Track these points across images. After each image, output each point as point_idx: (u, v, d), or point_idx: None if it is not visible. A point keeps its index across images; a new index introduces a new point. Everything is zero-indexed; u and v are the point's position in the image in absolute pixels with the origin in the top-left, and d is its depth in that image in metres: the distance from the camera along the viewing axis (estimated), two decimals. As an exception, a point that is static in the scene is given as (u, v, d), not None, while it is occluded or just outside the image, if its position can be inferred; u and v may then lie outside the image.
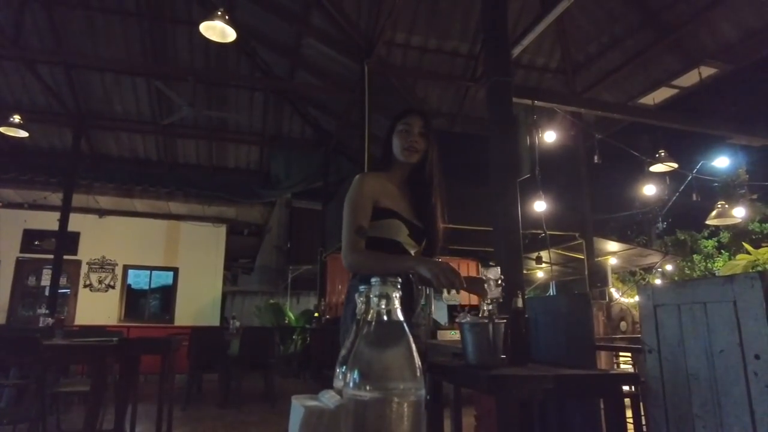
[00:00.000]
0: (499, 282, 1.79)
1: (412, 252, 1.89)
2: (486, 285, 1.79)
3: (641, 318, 1.90)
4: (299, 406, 0.52)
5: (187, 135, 9.67)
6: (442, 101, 8.03)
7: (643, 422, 2.97)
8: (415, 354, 0.50)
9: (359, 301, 0.62)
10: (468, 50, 7.23)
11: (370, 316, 0.52)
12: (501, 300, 1.73)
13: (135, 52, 8.10)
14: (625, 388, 3.20)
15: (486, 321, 1.87)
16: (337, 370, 0.61)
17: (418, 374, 0.49)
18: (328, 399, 0.54)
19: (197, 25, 5.19)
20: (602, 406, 2.07)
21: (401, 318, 0.52)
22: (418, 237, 1.88)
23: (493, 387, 1.65)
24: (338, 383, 0.58)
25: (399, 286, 0.53)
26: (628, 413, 3.14)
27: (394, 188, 1.88)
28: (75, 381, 4.73)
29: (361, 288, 0.63)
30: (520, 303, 2.15)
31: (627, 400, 3.29)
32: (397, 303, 0.52)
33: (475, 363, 1.83)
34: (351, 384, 0.49)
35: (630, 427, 3.02)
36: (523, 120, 3.23)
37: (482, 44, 6.68)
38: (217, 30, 4.78)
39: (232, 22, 4.76)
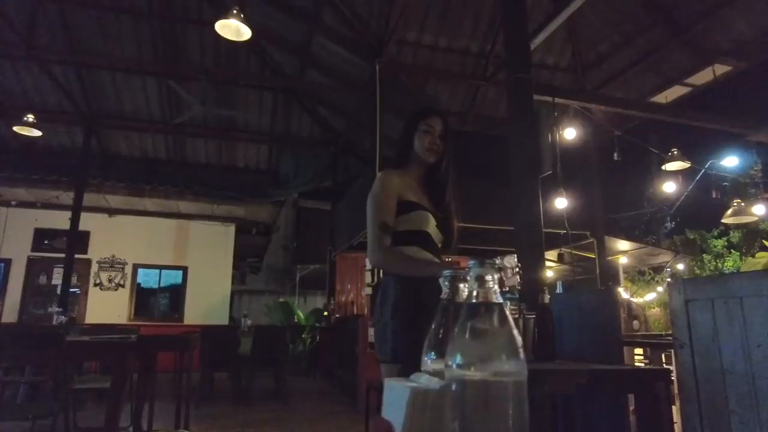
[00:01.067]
0: (516, 270, 1.76)
1: (439, 243, 1.91)
2: (503, 273, 1.76)
3: (671, 313, 1.90)
4: (402, 387, 0.53)
5: (197, 134, 9.71)
6: (452, 100, 8.03)
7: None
8: (517, 335, 0.50)
9: (444, 285, 0.63)
10: (479, 49, 7.22)
11: (468, 299, 0.52)
12: (518, 288, 1.72)
13: (146, 51, 8.13)
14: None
15: (516, 317, 1.88)
16: (425, 357, 0.61)
17: (521, 356, 0.49)
18: (428, 381, 0.54)
19: (208, 24, 5.21)
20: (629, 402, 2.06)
21: (500, 300, 0.52)
22: (444, 228, 1.92)
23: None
24: (428, 367, 0.59)
25: (496, 267, 0.53)
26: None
27: (415, 184, 1.92)
28: (90, 378, 4.75)
29: (446, 272, 0.63)
30: (546, 299, 2.15)
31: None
32: (495, 285, 0.52)
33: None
34: (454, 366, 0.49)
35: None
36: (543, 117, 3.23)
37: (498, 42, 6.68)
38: (233, 28, 4.79)
39: (246, 21, 4.78)
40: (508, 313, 0.51)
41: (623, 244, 7.68)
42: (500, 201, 4.17)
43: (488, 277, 0.52)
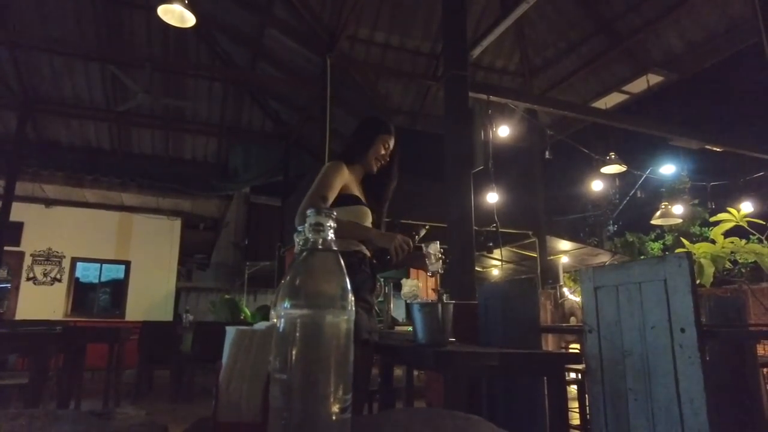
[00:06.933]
0: (440, 255, 1.85)
1: None
2: (427, 260, 1.85)
3: (583, 300, 2.00)
4: (232, 329, 0.54)
5: (143, 124, 9.36)
6: (403, 99, 8.10)
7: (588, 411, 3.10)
8: (345, 282, 0.52)
9: (297, 241, 0.64)
10: (430, 49, 7.33)
11: (304, 245, 0.54)
12: (442, 272, 1.79)
13: (88, 34, 7.76)
14: (572, 375, 3.33)
15: (435, 301, 1.92)
16: (272, 312, 0.62)
17: (348, 296, 0.51)
18: (262, 325, 0.56)
19: (155, 9, 5.03)
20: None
21: (334, 248, 0.54)
22: (377, 226, 2.06)
23: (440, 363, 1.69)
24: (273, 317, 0.60)
25: (333, 217, 0.55)
26: (575, 404, 3.27)
27: (356, 182, 2.07)
28: (13, 374, 4.50)
29: (300, 228, 0.64)
30: (471, 287, 2.21)
31: (574, 388, 3.42)
32: (330, 233, 0.54)
33: (424, 342, 1.87)
34: (282, 309, 0.50)
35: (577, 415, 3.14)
36: (479, 114, 3.33)
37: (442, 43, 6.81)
38: (176, 14, 4.66)
39: (191, 7, 4.65)
40: (339, 260, 0.53)
41: (564, 244, 7.98)
42: (444, 197, 4.25)
43: (324, 225, 0.54)
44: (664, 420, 1.54)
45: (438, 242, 1.88)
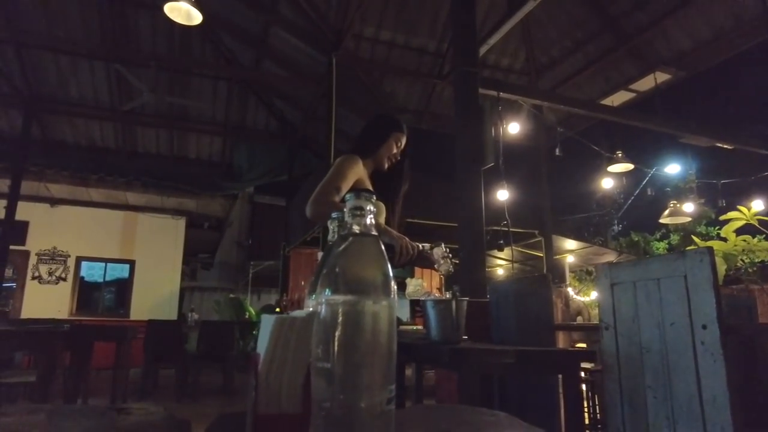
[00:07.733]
0: (446, 256, 1.84)
1: None
2: (436, 265, 1.84)
3: (599, 297, 1.97)
4: (270, 317, 0.52)
5: (148, 123, 9.37)
6: (409, 97, 8.08)
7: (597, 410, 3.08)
8: (388, 263, 0.50)
9: (331, 228, 0.62)
10: (435, 48, 7.30)
11: (341, 230, 0.52)
12: (452, 271, 1.77)
13: (93, 33, 7.77)
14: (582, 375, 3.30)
15: (449, 298, 1.90)
16: (307, 300, 0.60)
17: (391, 282, 0.49)
18: (301, 313, 0.54)
19: (160, 8, 5.03)
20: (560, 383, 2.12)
21: (374, 232, 0.51)
22: (387, 224, 2.05)
23: (455, 361, 1.67)
24: (309, 305, 0.58)
25: (373, 201, 0.52)
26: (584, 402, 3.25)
27: (368, 178, 2.05)
28: (20, 372, 4.49)
29: (334, 215, 0.62)
30: (482, 285, 2.19)
31: (583, 386, 3.39)
32: (371, 218, 0.52)
33: (438, 339, 1.85)
34: (323, 296, 0.48)
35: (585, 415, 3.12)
36: (488, 111, 3.31)
37: (450, 39, 6.78)
38: (183, 12, 4.65)
39: (198, 5, 4.64)
40: (380, 245, 0.51)
41: (570, 243, 7.94)
42: (450, 197, 4.24)
43: (363, 209, 0.52)
44: (685, 418, 1.51)
45: (443, 244, 1.86)
